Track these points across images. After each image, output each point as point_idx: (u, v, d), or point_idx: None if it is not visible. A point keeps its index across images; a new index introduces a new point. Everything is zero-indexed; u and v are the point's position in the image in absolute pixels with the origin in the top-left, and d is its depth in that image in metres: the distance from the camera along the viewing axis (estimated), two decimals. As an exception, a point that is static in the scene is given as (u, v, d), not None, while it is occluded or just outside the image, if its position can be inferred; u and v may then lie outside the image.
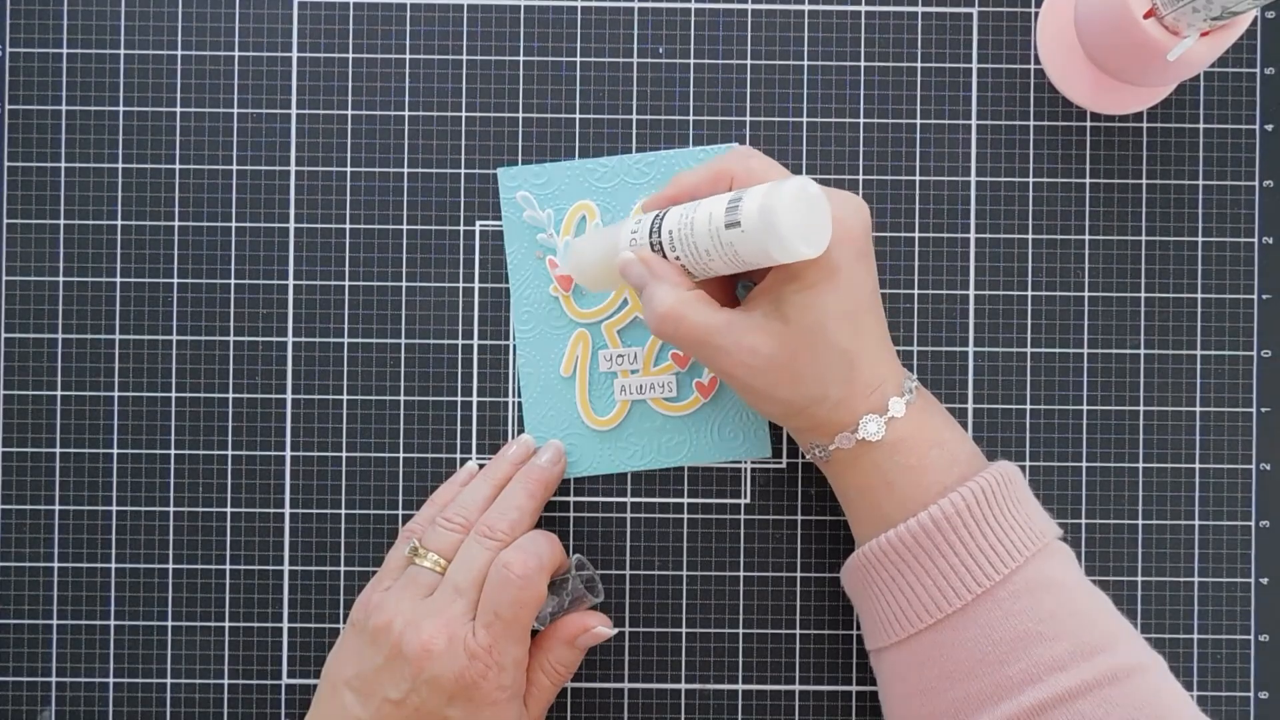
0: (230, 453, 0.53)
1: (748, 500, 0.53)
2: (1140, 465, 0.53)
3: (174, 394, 0.53)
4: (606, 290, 0.51)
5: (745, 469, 0.53)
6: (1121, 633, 0.44)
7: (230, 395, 0.53)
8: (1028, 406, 0.53)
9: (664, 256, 0.45)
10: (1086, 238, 0.53)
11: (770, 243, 0.41)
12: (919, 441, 0.45)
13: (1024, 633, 0.42)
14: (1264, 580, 0.53)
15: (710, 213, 0.43)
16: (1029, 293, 0.53)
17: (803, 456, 0.52)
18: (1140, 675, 0.42)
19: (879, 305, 0.46)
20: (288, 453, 0.53)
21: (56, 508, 0.53)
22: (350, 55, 0.53)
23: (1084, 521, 0.53)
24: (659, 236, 0.45)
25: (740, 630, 0.53)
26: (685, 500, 0.53)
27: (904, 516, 0.44)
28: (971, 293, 0.53)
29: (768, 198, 0.41)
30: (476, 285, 0.53)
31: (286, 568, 0.53)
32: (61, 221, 0.53)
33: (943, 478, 0.44)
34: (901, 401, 0.45)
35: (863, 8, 0.54)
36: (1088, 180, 0.53)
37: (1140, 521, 0.53)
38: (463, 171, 0.53)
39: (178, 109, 0.53)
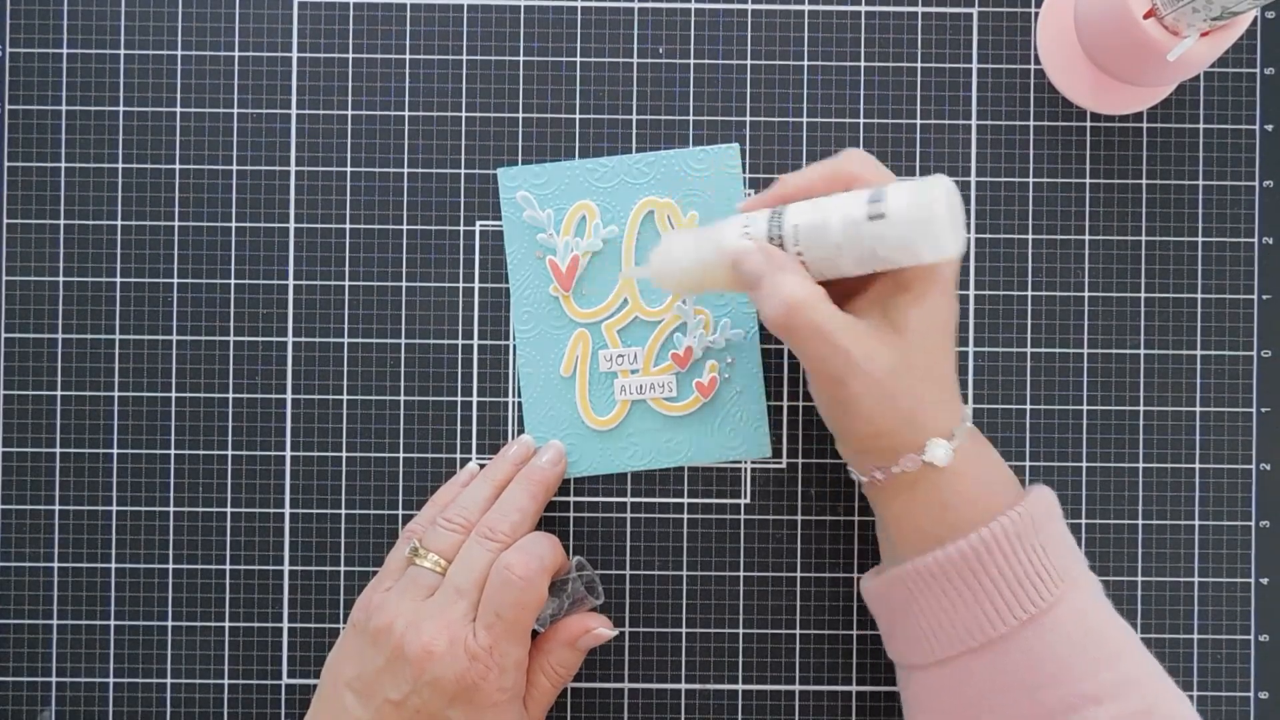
0: (230, 453, 0.53)
1: (748, 500, 0.53)
2: (1140, 465, 0.53)
3: (174, 394, 0.53)
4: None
5: (745, 469, 0.53)
6: (1154, 669, 0.43)
7: (230, 395, 0.53)
8: (1028, 406, 0.53)
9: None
10: (1086, 238, 0.53)
11: (920, 237, 0.40)
12: (975, 469, 0.44)
13: (1065, 662, 0.42)
14: (1264, 580, 0.53)
15: (848, 206, 0.42)
16: (1029, 293, 0.53)
17: (803, 457, 0.52)
18: (1171, 710, 0.42)
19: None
20: (288, 453, 0.53)
21: (56, 508, 0.53)
22: (350, 55, 0.53)
23: (1084, 521, 0.53)
24: (779, 230, 0.44)
25: (740, 630, 0.53)
26: (685, 500, 0.53)
27: (953, 537, 0.44)
28: (971, 293, 0.53)
29: (918, 195, 0.41)
30: (476, 285, 0.53)
31: (286, 568, 0.53)
32: (61, 221, 0.53)
33: (993, 504, 0.44)
34: (964, 428, 0.45)
35: (863, 8, 0.53)
36: (1088, 180, 0.53)
37: (1140, 521, 0.53)
38: (463, 171, 0.53)
39: (178, 109, 0.53)
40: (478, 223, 0.53)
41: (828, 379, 0.44)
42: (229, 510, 0.53)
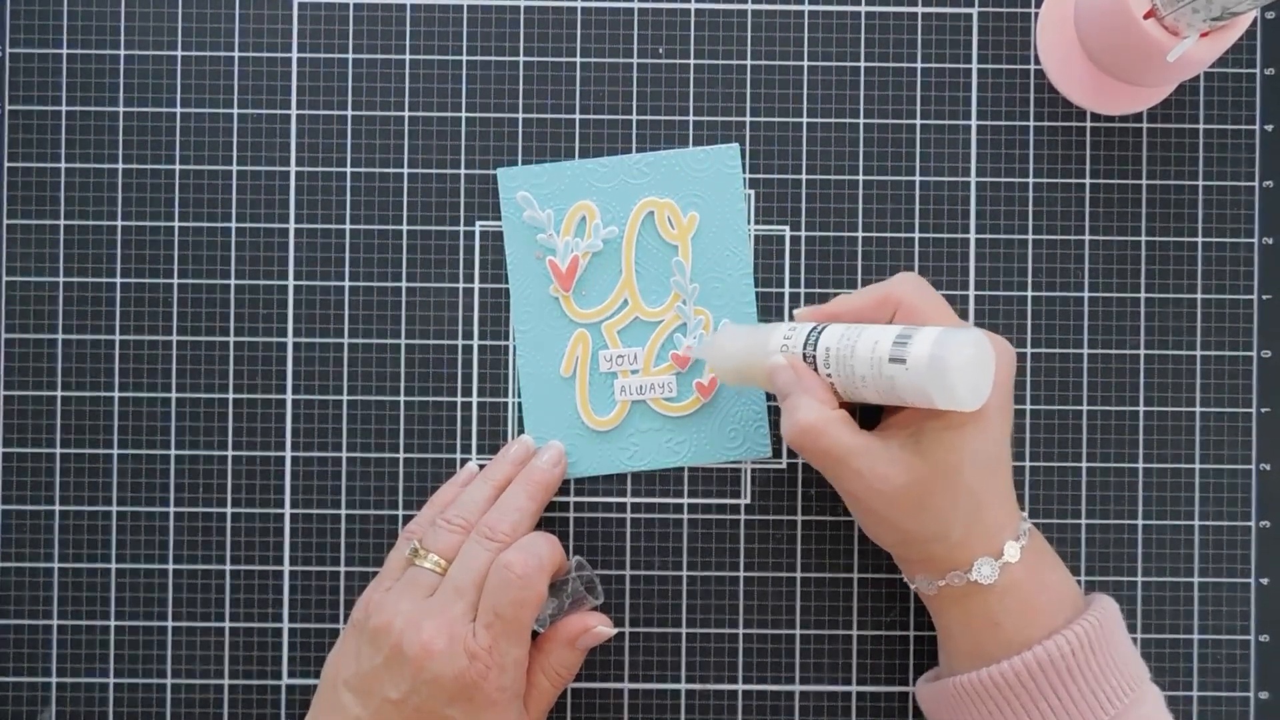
0: (230, 453, 0.53)
1: (748, 500, 0.53)
2: (1140, 465, 0.53)
3: (174, 394, 0.53)
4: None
5: (745, 469, 0.53)
6: None
7: (230, 395, 0.53)
8: (1028, 407, 0.53)
9: (814, 369, 0.45)
10: (1086, 238, 0.53)
11: (934, 389, 0.41)
12: (1028, 586, 0.45)
13: None
14: (1264, 580, 0.53)
15: (875, 342, 0.43)
16: (1029, 293, 0.53)
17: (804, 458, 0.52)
18: None
19: (1009, 449, 0.46)
20: (288, 453, 0.53)
21: (56, 508, 0.53)
22: (350, 55, 0.53)
23: (1084, 521, 0.53)
24: (814, 350, 0.45)
25: (740, 630, 0.53)
26: (685, 500, 0.53)
27: (1007, 655, 0.44)
28: (971, 293, 0.53)
29: (940, 347, 0.41)
30: (476, 285, 0.53)
31: (286, 568, 0.53)
32: (61, 221, 0.53)
33: (1049, 622, 0.44)
34: (1017, 546, 0.45)
35: (863, 8, 0.53)
36: (1088, 180, 0.53)
37: (1140, 521, 0.53)
38: (463, 171, 0.53)
39: (178, 109, 0.53)
40: (478, 223, 0.53)
41: (844, 493, 0.46)
42: (229, 510, 0.53)
